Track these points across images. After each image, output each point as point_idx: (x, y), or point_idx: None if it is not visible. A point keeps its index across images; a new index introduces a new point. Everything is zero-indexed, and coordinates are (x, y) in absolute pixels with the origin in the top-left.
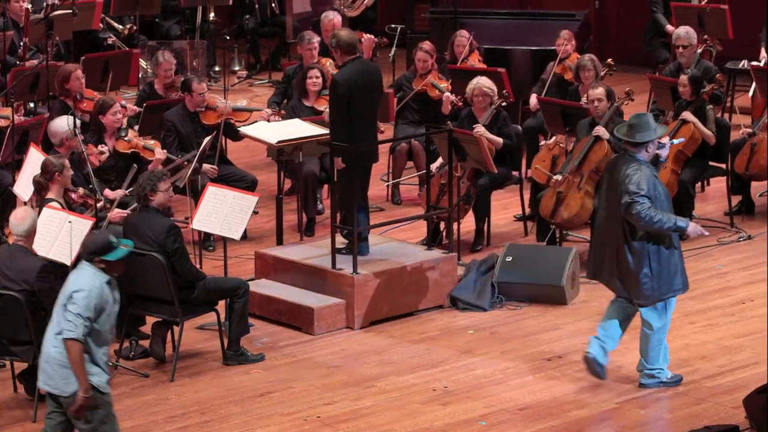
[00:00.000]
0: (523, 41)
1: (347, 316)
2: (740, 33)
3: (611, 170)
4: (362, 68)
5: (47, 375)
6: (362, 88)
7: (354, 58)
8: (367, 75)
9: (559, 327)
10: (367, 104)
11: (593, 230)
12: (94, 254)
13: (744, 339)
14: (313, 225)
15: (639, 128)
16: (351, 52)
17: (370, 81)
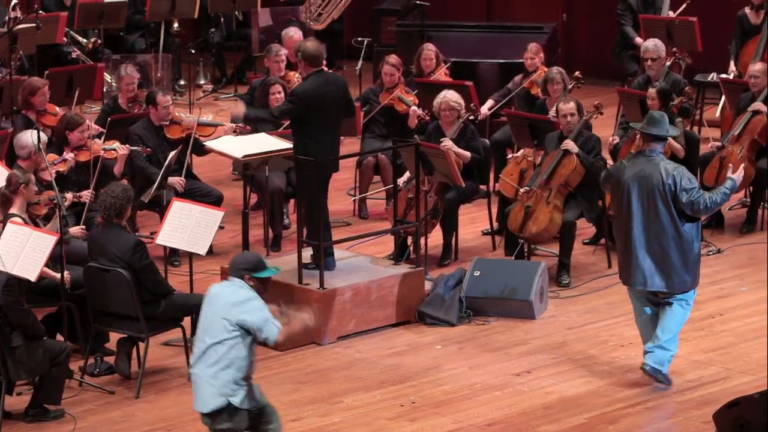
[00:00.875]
0: (491, 54)
1: (314, 332)
2: (709, 46)
3: (641, 175)
4: (323, 81)
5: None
6: (320, 101)
7: (317, 71)
8: (326, 88)
9: (527, 342)
10: (324, 117)
11: (624, 237)
12: (246, 271)
13: (714, 354)
14: (279, 240)
15: (654, 122)
16: (315, 64)
17: (329, 94)
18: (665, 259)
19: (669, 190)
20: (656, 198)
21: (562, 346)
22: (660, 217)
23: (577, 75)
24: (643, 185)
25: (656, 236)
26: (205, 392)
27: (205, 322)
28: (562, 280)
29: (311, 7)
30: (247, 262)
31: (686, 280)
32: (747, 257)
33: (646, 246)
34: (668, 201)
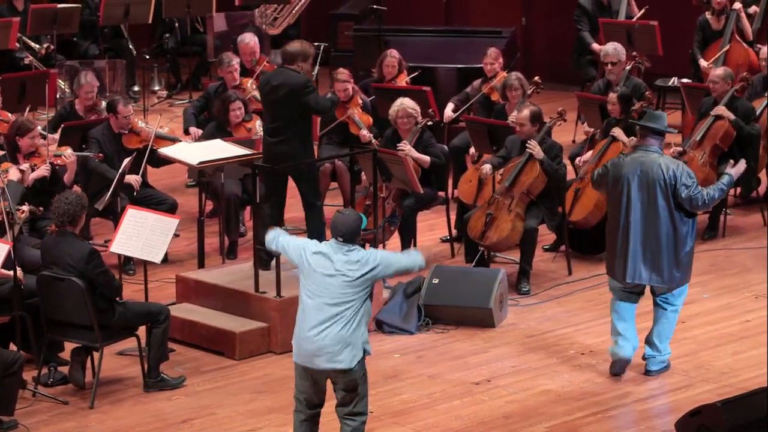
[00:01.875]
0: (449, 59)
1: (271, 341)
2: (670, 50)
3: (641, 169)
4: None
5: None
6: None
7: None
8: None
9: (487, 350)
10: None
11: (620, 231)
12: (357, 234)
13: (676, 361)
14: (235, 248)
15: (653, 118)
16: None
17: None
18: (659, 253)
19: (669, 185)
20: (656, 192)
21: (522, 354)
22: (658, 211)
23: (536, 80)
24: (643, 179)
25: (653, 231)
26: (344, 350)
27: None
28: (521, 287)
29: (266, 11)
30: (355, 224)
31: (676, 276)
32: (709, 264)
33: (643, 240)
34: (668, 195)
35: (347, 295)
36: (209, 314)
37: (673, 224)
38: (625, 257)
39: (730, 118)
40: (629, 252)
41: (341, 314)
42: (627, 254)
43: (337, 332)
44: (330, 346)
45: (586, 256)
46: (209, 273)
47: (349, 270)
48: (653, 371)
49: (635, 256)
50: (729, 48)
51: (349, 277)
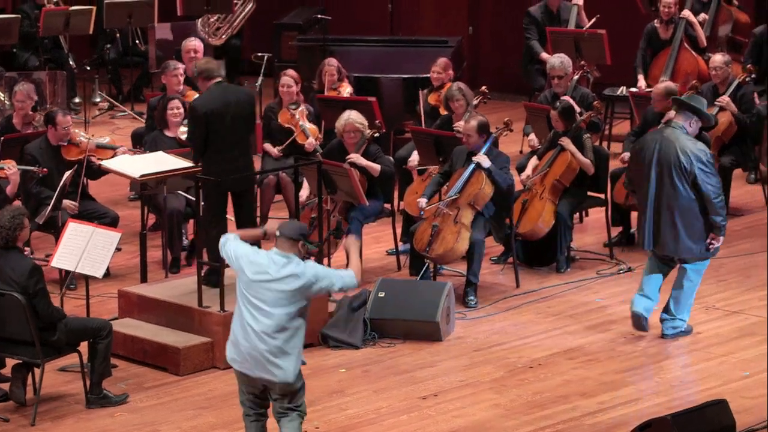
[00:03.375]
0: (395, 69)
1: (215, 356)
2: (618, 59)
3: (658, 141)
4: (221, 93)
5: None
6: (220, 113)
7: (215, 83)
8: (226, 100)
9: (434, 364)
10: (226, 130)
11: (642, 204)
12: (304, 237)
13: (625, 374)
14: (178, 262)
15: (696, 100)
16: (211, 77)
17: (229, 106)
18: (674, 225)
19: (684, 162)
20: (671, 167)
21: (470, 368)
22: (674, 185)
23: (483, 90)
24: (661, 154)
25: (669, 203)
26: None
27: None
28: (469, 300)
29: (209, 21)
30: (304, 228)
31: (693, 248)
32: None
33: (659, 211)
34: (682, 172)
35: (282, 305)
36: (152, 329)
37: (689, 197)
38: (642, 225)
39: None
40: (647, 221)
41: (276, 324)
42: (645, 224)
43: (273, 342)
44: (265, 356)
45: (534, 268)
46: (152, 287)
47: (284, 281)
48: (668, 335)
49: (652, 225)
50: (678, 56)
51: (284, 289)
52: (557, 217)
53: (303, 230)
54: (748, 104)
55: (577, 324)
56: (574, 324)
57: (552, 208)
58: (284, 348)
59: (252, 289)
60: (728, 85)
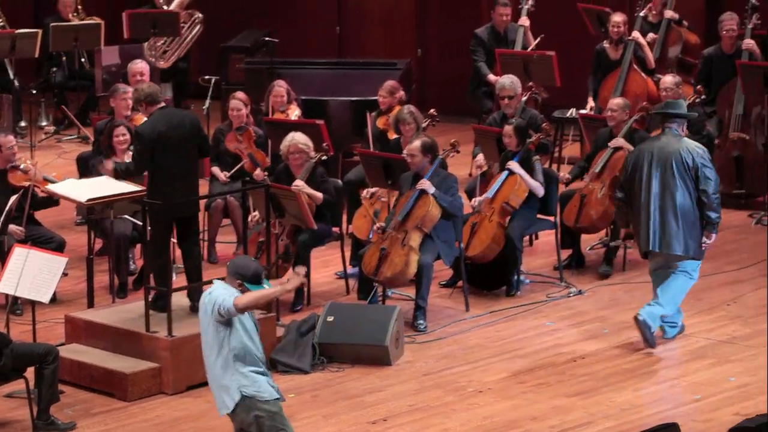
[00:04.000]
0: (343, 91)
1: (162, 381)
2: (568, 81)
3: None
4: (166, 117)
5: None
6: (165, 137)
7: (159, 108)
8: (171, 124)
9: (383, 389)
10: (173, 152)
11: (643, 209)
12: (242, 278)
13: (576, 398)
14: (125, 287)
15: (673, 105)
16: (155, 102)
17: (175, 131)
18: (677, 224)
19: (686, 163)
20: (672, 169)
21: (419, 393)
22: (675, 186)
23: (431, 112)
24: (660, 157)
25: (671, 204)
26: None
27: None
28: (418, 324)
29: (156, 44)
30: (247, 269)
31: (692, 245)
32: (609, 298)
33: (661, 212)
34: (683, 172)
35: (213, 337)
36: (99, 355)
37: (690, 196)
38: (646, 228)
39: (629, 149)
40: (650, 224)
41: (211, 357)
42: (648, 225)
43: (213, 377)
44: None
45: (483, 292)
46: (99, 313)
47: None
48: (640, 317)
49: (654, 227)
50: (627, 78)
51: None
52: (507, 240)
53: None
54: (697, 126)
55: (527, 348)
56: (524, 348)
57: (501, 231)
58: (222, 382)
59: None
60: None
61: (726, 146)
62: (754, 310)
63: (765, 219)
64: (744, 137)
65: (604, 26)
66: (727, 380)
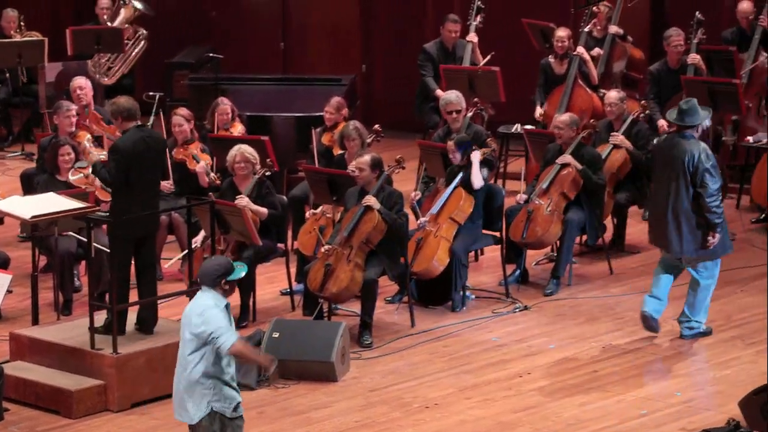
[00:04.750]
0: (287, 108)
1: (107, 398)
2: (513, 96)
3: (668, 148)
4: (142, 136)
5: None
6: (141, 156)
7: (136, 126)
8: (147, 144)
9: (329, 405)
10: (146, 173)
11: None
12: (221, 277)
13: (522, 414)
14: (70, 304)
15: (688, 113)
16: (132, 118)
17: (150, 149)
18: (681, 226)
19: (689, 166)
20: (678, 171)
21: (365, 409)
22: (681, 188)
23: (376, 128)
24: (670, 159)
25: (678, 205)
26: (187, 404)
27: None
28: (364, 340)
29: (100, 61)
30: (222, 268)
31: (696, 245)
32: (554, 313)
33: (669, 213)
34: (687, 174)
35: (190, 348)
36: (44, 372)
37: (690, 201)
38: (654, 226)
39: (578, 167)
40: (661, 222)
41: (185, 366)
42: (658, 224)
43: (183, 383)
44: (180, 396)
45: (429, 307)
46: (44, 330)
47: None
48: (686, 336)
49: (663, 226)
50: (572, 93)
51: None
52: (452, 256)
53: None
54: (643, 141)
55: (473, 363)
56: (470, 363)
57: (447, 247)
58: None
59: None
60: (623, 122)
61: None
62: None
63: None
64: None
65: (549, 42)
66: (673, 395)
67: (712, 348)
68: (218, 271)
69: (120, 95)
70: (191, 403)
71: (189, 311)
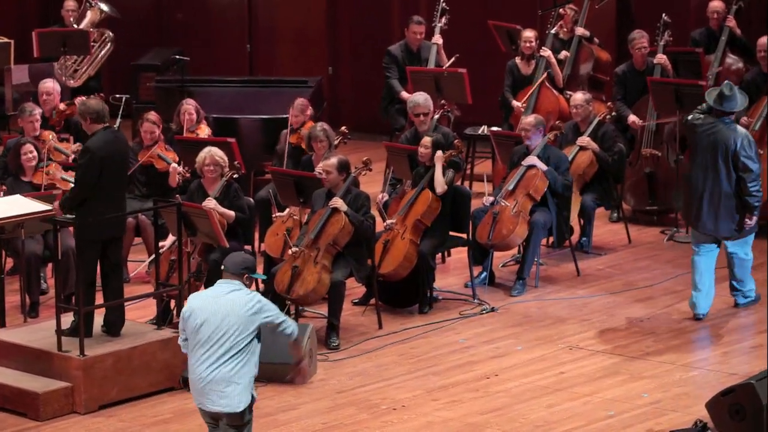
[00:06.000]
0: (254, 110)
1: (75, 401)
2: (479, 98)
3: (709, 134)
4: (112, 137)
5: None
6: (111, 158)
7: (104, 127)
8: (116, 147)
9: (296, 407)
10: (116, 175)
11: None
12: (246, 271)
13: (489, 415)
14: (37, 306)
15: (728, 99)
16: (100, 120)
17: (119, 154)
18: (719, 208)
19: (730, 150)
20: (717, 154)
21: (333, 411)
22: (721, 171)
23: (343, 130)
24: (712, 142)
25: (717, 188)
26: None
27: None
28: (331, 342)
29: (67, 63)
30: (249, 261)
31: (733, 227)
32: (521, 315)
33: (708, 195)
34: (728, 158)
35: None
36: (11, 374)
37: (732, 182)
38: (693, 208)
39: (543, 168)
40: (697, 203)
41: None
42: (696, 206)
43: (222, 374)
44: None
45: (396, 309)
46: (10, 332)
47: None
48: (741, 304)
49: (698, 207)
50: (539, 95)
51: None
52: (419, 258)
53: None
54: (609, 142)
55: (441, 365)
56: (437, 365)
57: (414, 248)
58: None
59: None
60: (589, 124)
61: (638, 163)
62: (666, 326)
63: (677, 235)
64: (656, 154)
65: (515, 44)
66: (640, 396)
67: (678, 349)
68: (245, 263)
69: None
70: (236, 390)
71: (235, 299)
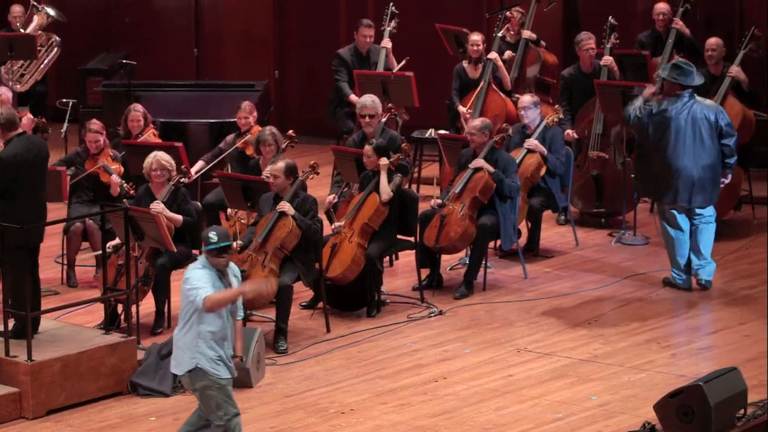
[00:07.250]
0: (201, 114)
1: (22, 406)
2: (427, 101)
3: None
4: (27, 144)
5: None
6: (26, 164)
7: (18, 134)
8: (32, 151)
9: (245, 411)
10: (33, 181)
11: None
12: (202, 243)
13: (438, 418)
14: None
15: (681, 72)
16: (12, 128)
17: (35, 157)
18: (703, 178)
19: (711, 122)
20: (699, 127)
21: (281, 415)
22: (704, 143)
23: (290, 134)
24: (692, 117)
25: (699, 160)
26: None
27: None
28: (279, 346)
29: (13, 67)
30: (204, 234)
31: (714, 195)
32: (469, 318)
33: (688, 172)
34: (712, 130)
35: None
36: None
37: (715, 150)
38: (665, 185)
39: (490, 170)
40: (673, 182)
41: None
42: (670, 183)
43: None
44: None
45: (344, 312)
46: None
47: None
48: (708, 280)
49: (676, 184)
50: (486, 97)
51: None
52: (367, 261)
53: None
54: (556, 145)
55: (389, 368)
56: (385, 368)
57: (361, 252)
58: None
59: None
60: (536, 126)
61: (585, 165)
62: (614, 329)
63: (624, 237)
64: (603, 156)
65: (462, 47)
66: (588, 399)
67: (626, 351)
68: (203, 237)
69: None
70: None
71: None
